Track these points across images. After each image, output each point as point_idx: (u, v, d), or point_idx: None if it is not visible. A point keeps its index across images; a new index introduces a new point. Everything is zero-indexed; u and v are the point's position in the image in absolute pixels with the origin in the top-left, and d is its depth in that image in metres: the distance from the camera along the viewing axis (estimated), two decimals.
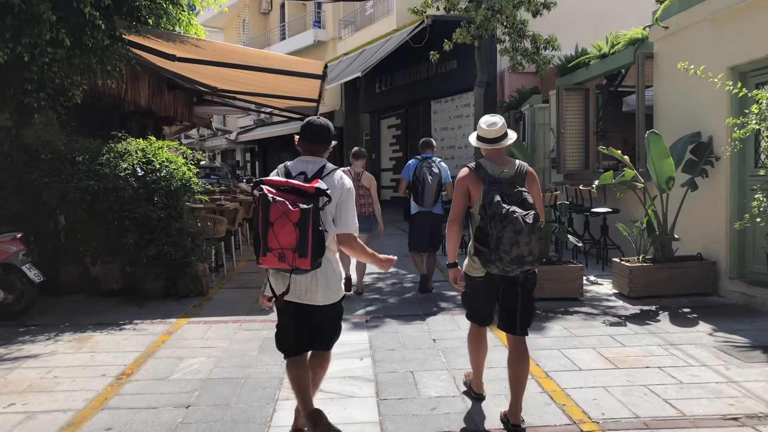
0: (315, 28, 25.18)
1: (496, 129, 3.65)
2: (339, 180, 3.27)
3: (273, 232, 2.95)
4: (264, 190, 3.01)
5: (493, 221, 3.32)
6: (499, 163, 3.61)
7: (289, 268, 3.02)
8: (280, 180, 3.11)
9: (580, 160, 10.65)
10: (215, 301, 6.97)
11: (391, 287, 7.65)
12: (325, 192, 3.07)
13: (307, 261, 3.00)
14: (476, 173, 3.56)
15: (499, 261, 3.33)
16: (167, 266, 6.97)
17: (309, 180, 3.17)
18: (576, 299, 6.62)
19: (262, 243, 2.99)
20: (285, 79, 9.83)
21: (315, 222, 2.99)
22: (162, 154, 6.94)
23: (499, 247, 3.29)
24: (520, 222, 3.25)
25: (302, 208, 2.96)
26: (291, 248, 2.96)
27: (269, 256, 3.00)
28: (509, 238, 3.25)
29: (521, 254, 3.28)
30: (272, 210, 2.95)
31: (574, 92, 10.53)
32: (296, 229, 2.94)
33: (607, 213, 8.33)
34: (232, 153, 36.30)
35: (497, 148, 3.67)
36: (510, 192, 3.40)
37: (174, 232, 6.92)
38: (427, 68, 18.58)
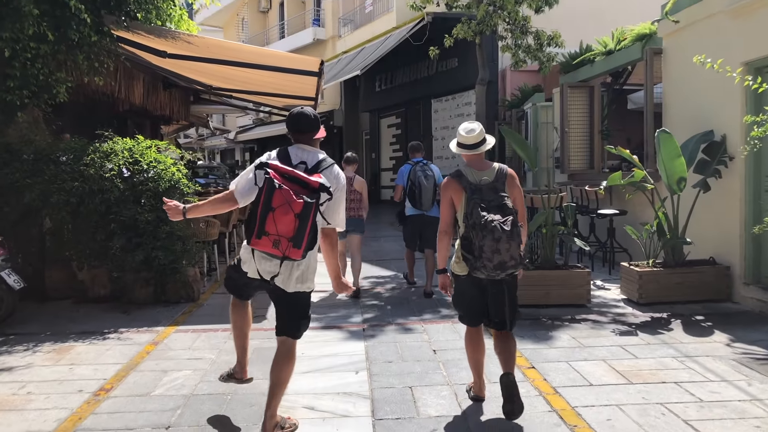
0: (314, 26, 24.89)
1: (475, 135, 3.77)
2: (336, 176, 3.39)
3: (273, 217, 3.03)
4: (270, 174, 3.08)
5: (474, 230, 3.48)
6: (479, 168, 3.75)
7: (281, 255, 3.11)
8: (286, 168, 3.17)
9: (584, 159, 10.35)
10: (206, 308, 6.67)
11: (390, 292, 7.36)
12: (327, 189, 3.18)
13: (299, 252, 3.11)
14: (458, 181, 3.70)
15: (483, 268, 3.50)
16: (156, 271, 6.68)
17: (309, 170, 3.28)
18: (583, 306, 6.32)
19: (258, 225, 3.06)
20: (281, 77, 9.54)
21: (315, 216, 3.11)
22: (150, 154, 6.64)
23: (482, 255, 3.46)
24: (499, 230, 3.41)
25: (306, 201, 3.06)
26: (287, 237, 3.05)
27: (264, 240, 3.08)
28: (490, 246, 3.42)
29: (503, 260, 3.45)
30: (276, 196, 3.03)
31: (578, 90, 10.23)
32: (296, 220, 3.04)
33: (614, 215, 8.02)
34: (231, 152, 36.03)
35: (476, 153, 3.78)
36: (491, 197, 3.57)
37: (163, 236, 6.62)
38: (427, 66, 18.28)
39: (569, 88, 10.16)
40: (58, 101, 7.16)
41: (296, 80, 9.39)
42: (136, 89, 10.94)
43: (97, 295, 6.87)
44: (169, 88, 12.36)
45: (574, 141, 10.26)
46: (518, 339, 5.21)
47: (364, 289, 7.49)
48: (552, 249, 6.50)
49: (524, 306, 6.20)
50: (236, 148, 34.48)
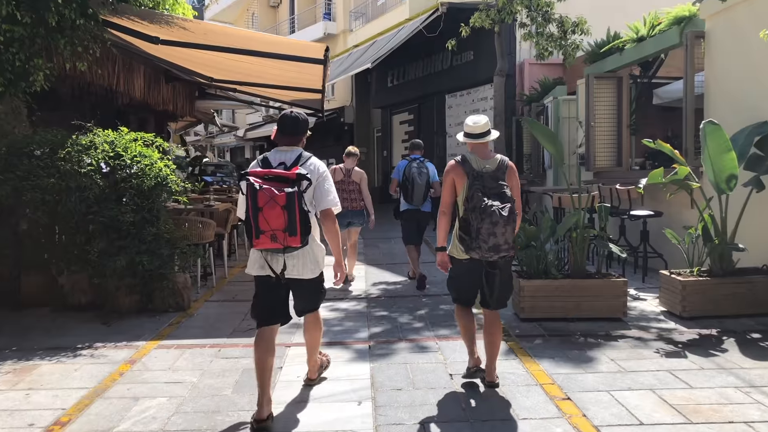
0: (325, 20, 24.24)
1: (481, 125, 4.00)
2: (315, 165, 3.65)
3: (263, 216, 3.28)
4: (250, 179, 3.32)
5: (473, 213, 3.72)
6: (482, 157, 3.96)
7: (281, 247, 3.37)
8: (264, 170, 3.44)
9: (611, 156, 9.59)
10: (196, 318, 6.01)
11: (400, 301, 6.65)
12: (305, 176, 3.43)
13: (297, 239, 3.35)
14: (462, 167, 3.92)
15: (478, 249, 3.75)
16: (141, 278, 6.03)
17: (288, 168, 3.50)
18: (618, 320, 5.58)
19: (254, 227, 3.31)
20: (286, 68, 8.89)
21: (300, 203, 3.35)
22: (134, 148, 5.98)
23: (478, 236, 3.70)
24: (497, 214, 3.65)
25: (288, 192, 3.29)
26: (281, 229, 3.29)
27: (262, 238, 3.34)
28: (487, 228, 3.66)
29: (498, 243, 3.70)
30: (260, 196, 3.27)
31: (605, 81, 9.47)
32: (284, 212, 3.27)
33: (648, 216, 7.26)
34: (241, 150, 35.48)
35: (481, 142, 4.01)
36: (492, 185, 3.79)
37: (149, 238, 5.97)
38: (441, 60, 17.55)
39: (596, 79, 9.41)
40: (46, 92, 6.58)
41: (301, 70, 8.73)
42: (136, 82, 10.33)
43: (78, 302, 6.23)
44: (172, 82, 11.76)
45: (600, 136, 9.51)
46: (549, 361, 4.52)
47: (372, 297, 6.81)
48: (583, 255, 5.77)
49: (552, 319, 5.51)
50: (246, 146, 33.92)
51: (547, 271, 5.74)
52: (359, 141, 23.14)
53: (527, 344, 4.98)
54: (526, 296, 5.60)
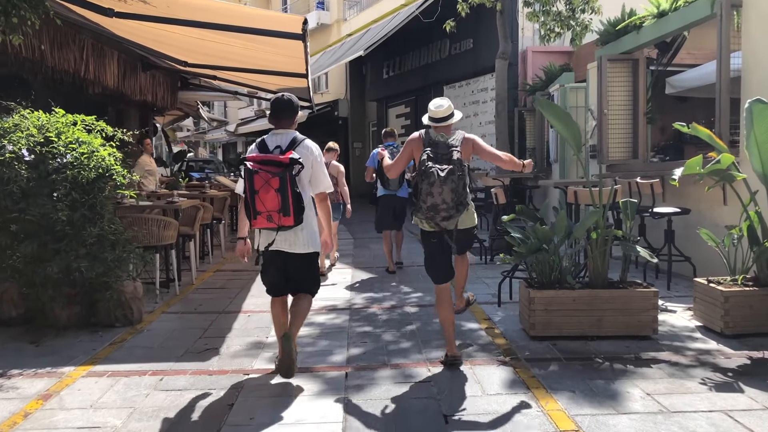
0: (318, 9, 23.28)
1: (443, 110, 4.22)
2: (308, 147, 3.92)
3: (259, 198, 3.66)
4: (247, 165, 3.70)
5: (419, 176, 3.93)
6: (442, 131, 4.17)
7: (276, 226, 3.73)
8: (260, 155, 3.78)
9: (626, 147, 8.65)
10: (145, 335, 5.07)
11: (388, 314, 5.71)
12: (298, 161, 3.73)
13: (290, 219, 3.70)
14: (422, 138, 4.14)
15: (419, 210, 3.96)
16: (82, 287, 5.10)
17: (284, 152, 3.81)
18: (648, 338, 4.65)
19: (252, 208, 3.70)
20: (264, 49, 7.96)
21: (293, 186, 3.67)
22: (70, 133, 5.02)
23: (419, 197, 3.93)
24: (435, 175, 3.85)
25: (281, 176, 3.63)
26: (276, 210, 3.67)
27: (259, 219, 3.72)
28: (426, 189, 3.88)
29: (435, 203, 3.87)
30: (256, 180, 3.65)
31: (619, 64, 8.53)
32: (278, 194, 3.63)
33: (674, 214, 6.33)
34: (234, 146, 34.52)
35: (444, 125, 4.21)
36: (444, 151, 3.96)
37: (90, 241, 5.03)
38: (439, 49, 16.60)
39: (609, 61, 8.46)
40: None
41: (282, 52, 7.82)
42: (109, 69, 9.45)
43: (8, 316, 5.29)
44: (150, 70, 10.84)
45: (614, 125, 8.56)
46: (568, 395, 3.58)
47: (355, 309, 5.88)
48: (604, 260, 4.82)
49: (569, 338, 4.58)
50: (238, 141, 32.95)
51: (562, 280, 4.81)
52: (354, 135, 22.22)
53: (540, 371, 4.05)
54: (537, 310, 4.67)
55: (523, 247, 4.76)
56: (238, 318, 5.60)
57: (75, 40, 8.11)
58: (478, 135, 14.81)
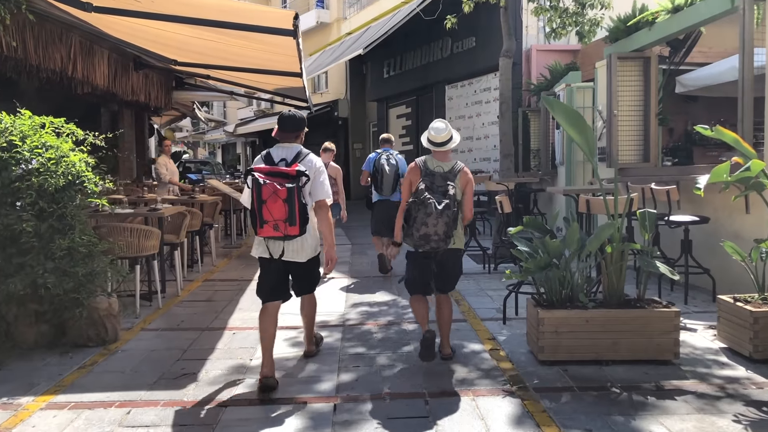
0: (318, 8, 22.89)
1: (442, 136, 4.36)
2: (311, 161, 4.10)
3: (266, 208, 3.77)
4: (255, 175, 3.82)
5: (414, 204, 4.17)
6: (441, 160, 4.36)
7: (282, 235, 3.84)
8: (268, 167, 3.94)
9: (637, 150, 8.21)
10: (118, 357, 4.65)
11: (384, 331, 5.29)
12: (304, 173, 3.90)
13: (296, 228, 3.82)
14: (420, 168, 4.33)
15: (410, 237, 4.21)
16: (50, 303, 4.69)
17: (289, 164, 4.00)
18: (669, 362, 4.23)
19: (258, 217, 3.81)
20: (255, 47, 7.56)
21: (299, 197, 3.83)
22: (36, 137, 4.61)
23: (413, 225, 4.16)
24: (432, 206, 4.08)
25: (288, 187, 3.78)
26: (282, 219, 3.78)
27: (265, 228, 3.82)
28: (421, 219, 4.12)
29: (428, 233, 4.11)
30: (264, 190, 3.77)
31: (630, 62, 8.09)
32: (285, 204, 3.76)
33: (692, 223, 5.90)
34: (233, 147, 34.13)
35: (442, 150, 4.37)
36: (440, 183, 4.20)
37: (59, 253, 4.62)
38: (441, 48, 16.18)
39: (619, 59, 8.03)
40: None
41: (274, 50, 7.42)
42: (98, 68, 9.05)
43: None
44: (143, 69, 10.44)
45: (624, 127, 8.12)
46: None
47: (349, 326, 5.46)
48: (620, 277, 4.39)
49: (581, 362, 4.15)
50: (237, 142, 32.54)
51: (574, 298, 4.39)
52: (354, 136, 21.82)
53: (551, 404, 3.62)
54: (546, 332, 4.24)
55: (531, 263, 4.34)
56: (223, 336, 5.19)
57: (62, 38, 7.72)
58: (481, 136, 14.33)
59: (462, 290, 6.64)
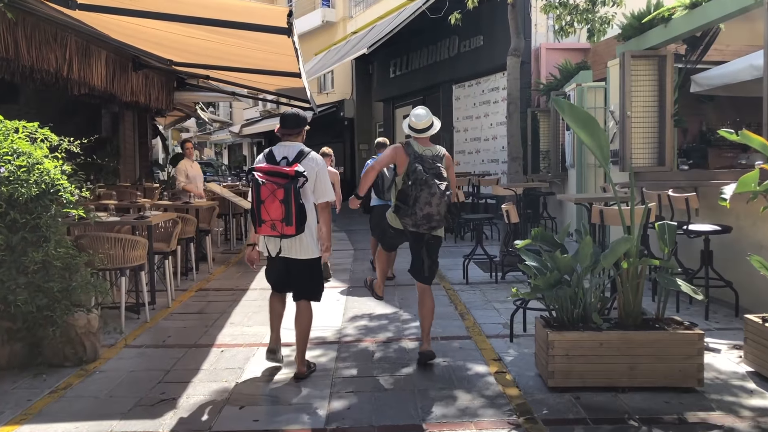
0: (324, 7, 22.57)
1: (424, 121, 4.50)
2: (314, 160, 4.19)
3: (264, 207, 3.90)
4: (255, 175, 3.95)
5: (414, 185, 4.24)
6: (424, 145, 4.50)
7: (279, 234, 3.99)
8: (267, 166, 4.03)
9: (652, 153, 7.83)
10: (95, 379, 4.33)
11: (383, 349, 4.94)
12: (302, 174, 3.98)
13: (292, 228, 3.93)
14: (405, 149, 4.46)
15: (413, 215, 4.26)
16: (24, 320, 4.38)
17: (290, 163, 4.07)
18: (692, 390, 3.85)
19: (257, 216, 3.94)
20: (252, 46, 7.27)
21: (296, 198, 3.91)
22: (7, 144, 4.29)
23: (415, 204, 4.23)
24: (436, 187, 4.21)
25: (285, 188, 3.88)
26: (279, 219, 3.90)
27: (263, 227, 3.97)
28: (425, 198, 4.20)
29: (431, 212, 4.22)
30: (262, 190, 3.89)
31: (644, 60, 7.70)
32: (282, 205, 3.87)
33: (712, 233, 5.51)
34: (239, 147, 33.87)
35: (424, 137, 4.51)
36: (430, 165, 4.32)
37: (33, 267, 4.31)
38: (447, 47, 15.82)
39: (633, 58, 7.64)
40: None
41: (270, 48, 7.11)
42: (96, 69, 8.78)
43: None
44: (142, 70, 10.16)
45: (638, 129, 7.75)
46: None
47: (345, 343, 5.12)
48: (638, 295, 4.02)
49: (595, 389, 3.79)
50: (243, 143, 32.29)
51: (587, 318, 4.02)
52: (360, 136, 21.50)
53: None
54: (556, 356, 3.88)
55: (540, 280, 3.98)
56: (209, 355, 4.85)
57: (56, 38, 7.45)
58: (489, 137, 13.98)
59: (467, 302, 6.29)
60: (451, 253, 9.24)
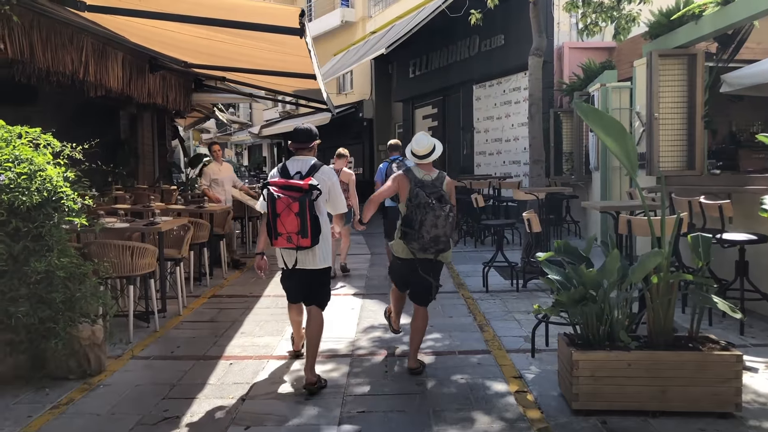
0: (343, 6, 22.38)
1: (424, 148, 4.54)
2: (326, 173, 4.33)
3: (280, 220, 4.01)
4: (270, 189, 4.05)
5: (417, 209, 4.28)
6: (425, 170, 4.55)
7: (294, 246, 4.08)
8: (282, 181, 4.14)
9: (680, 156, 7.51)
10: (99, 394, 4.18)
11: (398, 363, 4.71)
12: (316, 187, 4.11)
13: (308, 240, 4.05)
14: (407, 176, 4.49)
15: (420, 239, 4.28)
16: (27, 332, 4.24)
17: (303, 177, 4.19)
18: (729, 415, 3.58)
19: (273, 229, 4.05)
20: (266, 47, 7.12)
21: (311, 210, 4.03)
22: (8, 150, 4.16)
23: (421, 228, 4.25)
24: (440, 209, 4.26)
25: (300, 201, 4.00)
26: (295, 232, 4.01)
27: (279, 239, 4.07)
28: (430, 221, 4.24)
29: (437, 235, 4.26)
30: (278, 204, 4.01)
31: (673, 60, 7.38)
32: (297, 218, 3.99)
33: (748, 242, 5.21)
34: (259, 148, 33.88)
35: (425, 163, 4.55)
36: (432, 190, 4.37)
37: (35, 277, 4.17)
38: (468, 46, 15.54)
39: (660, 57, 7.33)
40: None
41: (283, 49, 6.94)
42: (112, 71, 8.69)
43: None
44: (159, 71, 10.07)
45: (666, 131, 7.44)
46: None
47: (358, 357, 4.91)
48: (669, 312, 3.76)
49: (623, 413, 3.53)
50: (263, 143, 32.27)
51: (613, 336, 3.77)
52: (379, 137, 21.29)
53: None
54: (581, 376, 3.63)
55: (564, 295, 3.73)
56: (218, 367, 4.68)
57: (72, 41, 7.37)
58: (510, 138, 13.63)
59: (487, 313, 6.05)
60: (471, 259, 8.99)
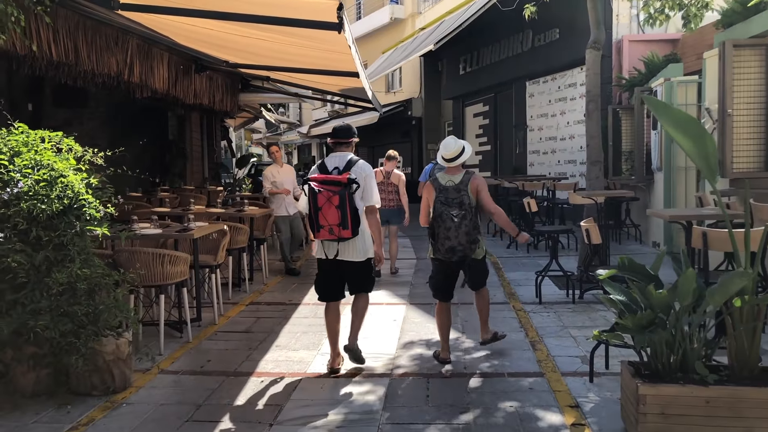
0: (392, 3, 22.06)
1: (452, 151, 4.64)
2: (362, 167, 4.50)
3: (322, 213, 4.21)
4: (311, 185, 4.27)
5: (435, 220, 4.51)
6: (452, 174, 4.64)
7: (336, 238, 4.29)
8: (321, 176, 4.37)
9: (757, 156, 6.86)
10: (121, 414, 3.94)
11: (440, 386, 4.32)
12: (355, 180, 4.33)
13: (348, 231, 4.25)
14: (432, 184, 4.64)
15: (439, 250, 4.51)
16: (50, 346, 4.04)
17: (341, 172, 4.40)
18: None
19: (315, 223, 4.25)
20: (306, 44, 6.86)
21: (351, 202, 4.25)
22: (29, 155, 3.95)
23: (438, 239, 4.50)
24: (450, 220, 4.42)
25: (340, 195, 4.20)
26: (336, 224, 4.21)
27: (321, 232, 4.27)
28: (443, 233, 4.44)
29: (452, 245, 4.44)
30: (319, 198, 4.22)
31: (749, 51, 6.72)
32: (338, 210, 4.18)
33: None
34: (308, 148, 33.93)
35: (454, 165, 4.65)
36: (454, 196, 4.50)
37: (57, 289, 3.96)
38: (521, 41, 14.95)
39: (735, 48, 6.68)
40: None
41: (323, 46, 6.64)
42: (157, 72, 8.62)
43: None
44: (204, 72, 9.96)
45: (740, 129, 6.80)
46: None
47: (397, 377, 4.52)
48: (755, 341, 3.24)
49: None
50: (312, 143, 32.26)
51: (688, 367, 3.27)
52: (428, 136, 20.90)
53: None
54: (648, 413, 3.16)
55: (629, 319, 3.26)
56: (248, 384, 4.40)
57: (117, 42, 7.28)
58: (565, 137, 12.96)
59: (540, 327, 5.58)
60: (523, 266, 8.49)
